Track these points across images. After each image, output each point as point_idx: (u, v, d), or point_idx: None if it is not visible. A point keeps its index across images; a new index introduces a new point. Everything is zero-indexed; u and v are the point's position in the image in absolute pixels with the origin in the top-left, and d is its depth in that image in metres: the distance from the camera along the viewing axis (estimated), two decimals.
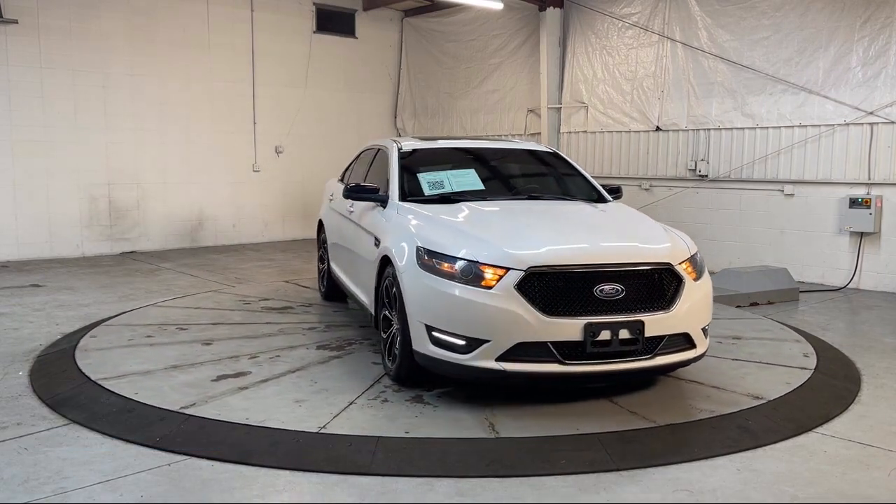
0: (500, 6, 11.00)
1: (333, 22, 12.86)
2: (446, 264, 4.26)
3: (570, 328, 4.05)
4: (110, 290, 7.91)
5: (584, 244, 4.47)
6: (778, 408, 4.40)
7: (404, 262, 4.48)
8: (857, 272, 8.45)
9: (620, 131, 10.63)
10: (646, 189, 10.29)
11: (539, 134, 11.59)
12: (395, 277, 4.58)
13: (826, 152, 8.63)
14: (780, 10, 8.82)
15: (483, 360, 4.09)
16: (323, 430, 3.92)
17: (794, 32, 8.71)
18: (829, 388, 4.83)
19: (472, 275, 4.16)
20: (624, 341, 4.12)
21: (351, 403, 4.33)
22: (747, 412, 4.29)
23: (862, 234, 8.38)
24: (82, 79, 10.26)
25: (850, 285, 8.48)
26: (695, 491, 3.36)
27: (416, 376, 4.59)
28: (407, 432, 3.93)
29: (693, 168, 9.78)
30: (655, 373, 4.56)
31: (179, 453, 3.67)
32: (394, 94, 13.84)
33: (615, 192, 5.89)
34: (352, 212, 6.01)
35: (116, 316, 6.55)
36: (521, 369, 4.10)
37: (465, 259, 4.22)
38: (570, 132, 11.29)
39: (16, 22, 9.60)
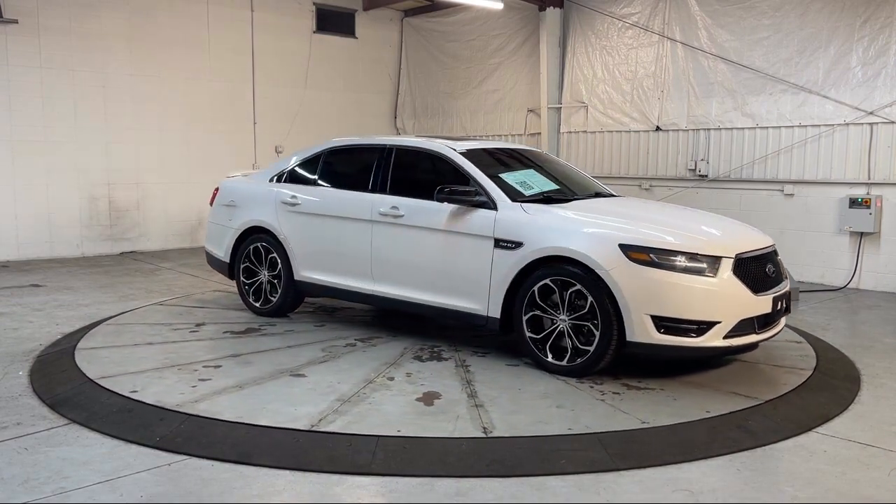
0: (500, 6, 10.99)
1: (333, 22, 12.85)
2: (665, 258, 4.63)
3: (765, 303, 4.81)
4: (110, 290, 7.91)
5: (748, 233, 5.29)
6: (778, 408, 4.41)
7: (607, 260, 4.68)
8: (857, 272, 8.45)
9: (620, 131, 10.63)
10: (646, 189, 10.29)
11: (539, 134, 11.59)
12: (577, 277, 4.77)
13: (826, 152, 8.63)
14: (780, 10, 8.82)
15: (714, 340, 4.62)
16: (647, 425, 4.06)
17: (794, 32, 8.71)
18: (829, 388, 4.84)
19: (691, 265, 4.62)
20: (784, 309, 5.02)
21: (599, 401, 4.42)
22: (747, 412, 4.29)
23: (862, 234, 8.38)
24: (82, 79, 10.26)
25: (849, 285, 8.48)
26: (695, 491, 3.36)
27: (608, 368, 4.86)
28: (708, 412, 4.25)
29: (693, 168, 9.78)
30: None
31: (179, 453, 3.67)
32: (394, 94, 13.83)
33: None
34: (400, 215, 5.60)
35: (115, 318, 6.55)
36: (738, 343, 4.72)
37: (685, 251, 4.65)
38: (570, 132, 11.29)
39: (16, 22, 9.59)
